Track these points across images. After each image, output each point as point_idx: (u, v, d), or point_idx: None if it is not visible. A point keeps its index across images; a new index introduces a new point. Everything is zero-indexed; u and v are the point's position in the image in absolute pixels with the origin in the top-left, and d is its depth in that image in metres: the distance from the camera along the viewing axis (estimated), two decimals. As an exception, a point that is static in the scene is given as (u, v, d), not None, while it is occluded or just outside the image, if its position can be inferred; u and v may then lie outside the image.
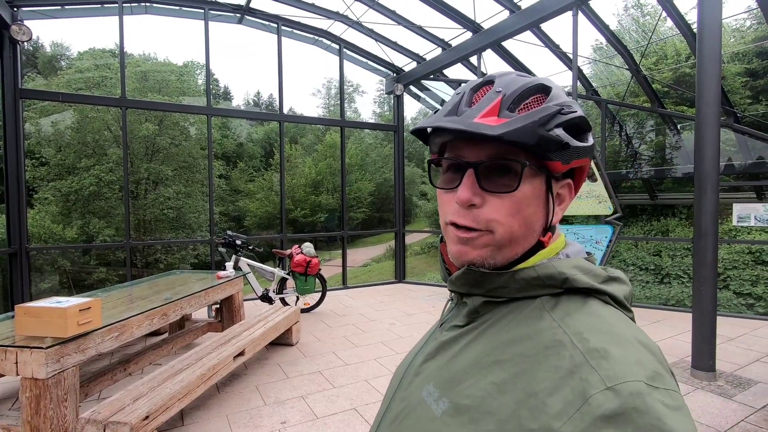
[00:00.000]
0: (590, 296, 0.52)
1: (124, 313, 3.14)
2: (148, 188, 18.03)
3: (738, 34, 13.34)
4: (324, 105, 38.02)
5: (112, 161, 16.93)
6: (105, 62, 19.15)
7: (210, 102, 6.45)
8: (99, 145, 17.39)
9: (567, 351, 0.45)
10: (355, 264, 19.96)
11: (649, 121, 11.92)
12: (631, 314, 0.54)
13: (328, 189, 24.04)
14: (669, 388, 0.42)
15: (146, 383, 2.78)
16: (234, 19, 6.81)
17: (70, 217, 16.58)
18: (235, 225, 22.04)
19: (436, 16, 6.43)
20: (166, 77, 19.97)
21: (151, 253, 17.37)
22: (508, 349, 0.49)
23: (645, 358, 0.44)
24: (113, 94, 15.61)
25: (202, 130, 19.55)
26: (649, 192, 11.62)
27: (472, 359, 0.52)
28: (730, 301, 9.48)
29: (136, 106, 6.81)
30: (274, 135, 28.99)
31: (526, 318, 0.51)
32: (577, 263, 0.54)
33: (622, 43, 6.60)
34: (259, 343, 3.81)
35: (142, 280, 4.52)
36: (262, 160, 27.51)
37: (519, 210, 0.53)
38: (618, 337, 0.46)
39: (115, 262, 16.81)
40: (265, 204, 22.94)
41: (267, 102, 37.77)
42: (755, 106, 11.93)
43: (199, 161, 19.09)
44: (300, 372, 3.88)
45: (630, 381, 0.41)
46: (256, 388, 3.54)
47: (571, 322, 0.48)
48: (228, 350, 3.40)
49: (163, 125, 18.33)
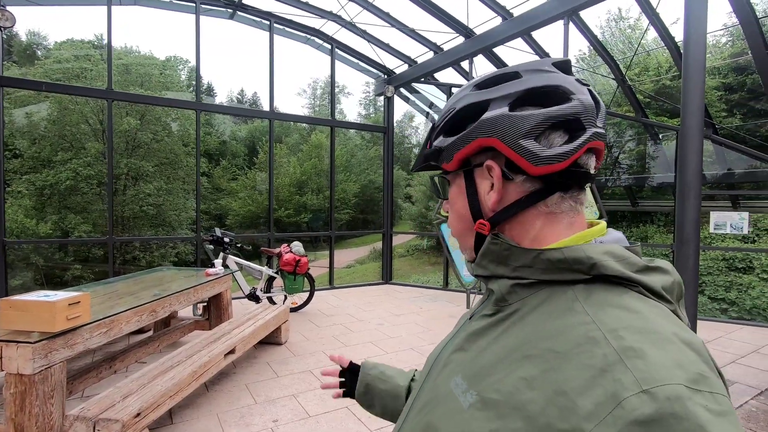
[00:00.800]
0: (627, 287, 0.49)
1: (112, 308, 3.07)
2: (128, 184, 17.60)
3: (715, 50, 13.88)
4: (309, 105, 37.82)
5: (90, 155, 16.48)
6: (85, 53, 18.64)
7: (199, 97, 6.36)
8: (77, 138, 16.91)
9: (600, 349, 0.42)
10: (340, 265, 19.90)
11: (629, 130, 12.28)
12: (673, 306, 0.50)
13: (313, 189, 23.92)
14: (714, 391, 0.39)
15: (136, 380, 2.73)
16: (225, 15, 6.74)
17: (45, 211, 16.06)
18: (216, 223, 21.70)
19: (429, 19, 6.51)
20: (149, 71, 19.56)
21: (129, 251, 16.95)
22: (538, 343, 0.47)
23: (687, 358, 0.41)
24: (94, 86, 15.19)
25: (185, 125, 19.20)
26: (630, 199, 11.96)
27: (501, 353, 0.51)
28: (705, 305, 9.82)
29: (123, 99, 6.66)
30: (258, 133, 28.66)
31: (558, 311, 0.49)
32: (610, 249, 0.50)
33: (609, 53, 6.80)
34: (249, 341, 3.78)
35: (127, 277, 4.43)
36: (245, 159, 27.18)
37: (453, 209, 0.64)
38: (656, 334, 0.43)
39: (92, 259, 16.34)
40: (248, 203, 22.66)
41: (251, 100, 37.33)
42: (730, 119, 12.42)
43: (181, 158, 18.74)
44: (290, 371, 3.86)
45: (668, 384, 0.38)
46: (245, 387, 3.51)
47: (605, 317, 0.45)
48: (218, 348, 3.36)
49: (145, 120, 17.94)
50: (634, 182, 11.73)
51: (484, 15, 6.12)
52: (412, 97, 8.65)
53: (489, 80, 0.59)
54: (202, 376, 3.05)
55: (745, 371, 3.96)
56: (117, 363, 3.52)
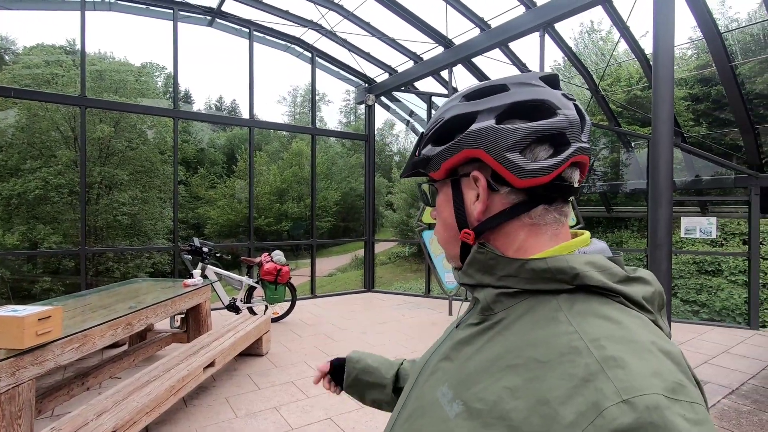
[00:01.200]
0: (609, 297, 0.50)
1: (84, 322, 2.96)
2: (101, 193, 17.08)
3: (682, 62, 14.50)
4: (290, 113, 37.61)
5: (61, 163, 15.94)
6: (56, 59, 18.12)
7: (176, 104, 6.26)
8: (47, 146, 16.35)
9: (582, 359, 0.43)
10: (321, 274, 19.73)
11: (602, 138, 12.66)
12: (653, 316, 0.51)
13: (294, 197, 23.72)
14: (692, 400, 0.40)
15: (110, 397, 2.63)
16: (204, 22, 6.68)
17: (12, 222, 15.42)
18: (194, 233, 21.25)
19: (409, 29, 6.59)
20: (124, 77, 19.14)
21: (102, 262, 16.40)
22: (522, 353, 0.48)
23: (665, 368, 0.42)
24: (66, 93, 14.77)
25: (161, 133, 18.81)
26: (605, 205, 12.29)
27: (486, 362, 0.51)
28: (677, 308, 10.13)
29: (97, 106, 6.49)
30: (237, 141, 28.32)
31: (543, 320, 0.50)
32: (592, 260, 0.51)
33: (582, 64, 7.02)
34: (230, 353, 3.70)
35: (101, 289, 4.28)
36: (224, 167, 26.78)
37: (439, 217, 0.64)
38: (636, 344, 0.44)
39: (63, 271, 15.74)
40: (227, 212, 22.30)
41: (230, 107, 36.92)
42: (697, 127, 12.96)
43: (157, 166, 18.32)
44: (272, 383, 3.79)
45: (648, 394, 0.39)
46: (225, 401, 3.43)
47: (588, 327, 0.46)
48: (197, 361, 3.27)
49: (119, 127, 17.51)
50: (608, 189, 12.06)
51: (463, 26, 6.24)
52: (393, 106, 8.72)
53: (477, 92, 0.59)
54: (180, 391, 2.96)
55: (717, 371, 4.10)
56: (90, 379, 3.39)
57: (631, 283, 0.52)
